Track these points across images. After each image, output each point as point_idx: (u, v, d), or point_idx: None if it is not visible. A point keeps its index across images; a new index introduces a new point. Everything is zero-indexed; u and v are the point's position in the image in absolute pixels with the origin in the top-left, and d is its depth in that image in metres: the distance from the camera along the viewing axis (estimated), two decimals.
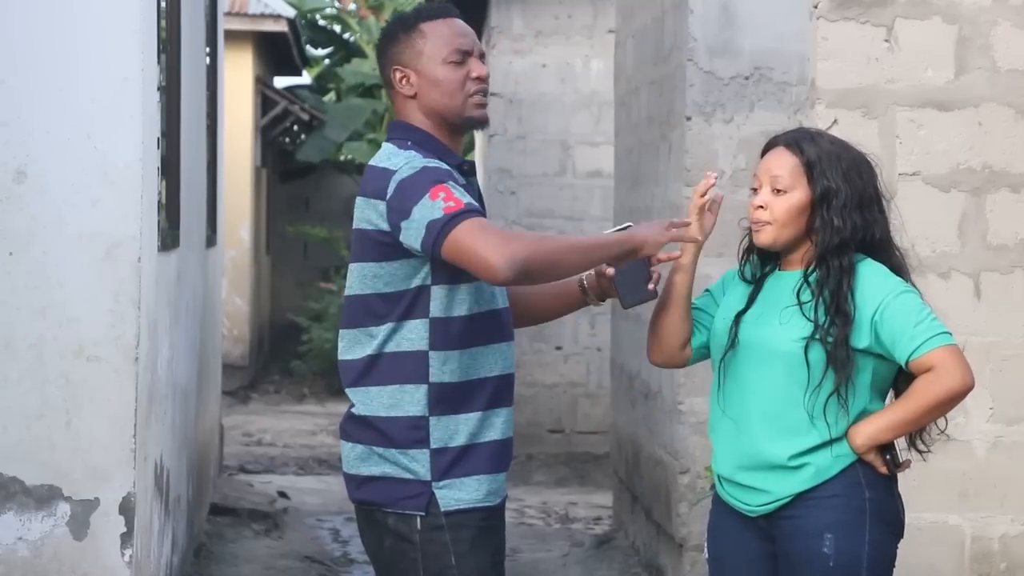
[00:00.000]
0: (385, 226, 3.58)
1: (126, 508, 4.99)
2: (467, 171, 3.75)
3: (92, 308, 4.99)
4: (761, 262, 3.84)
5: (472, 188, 3.74)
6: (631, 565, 8.22)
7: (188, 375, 7.14)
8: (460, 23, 3.78)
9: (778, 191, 3.71)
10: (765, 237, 3.74)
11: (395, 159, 3.63)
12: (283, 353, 19.79)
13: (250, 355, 18.46)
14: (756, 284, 3.81)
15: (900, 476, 3.78)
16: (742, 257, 3.86)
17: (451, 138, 3.76)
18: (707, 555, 3.88)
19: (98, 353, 4.99)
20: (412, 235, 3.53)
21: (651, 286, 3.79)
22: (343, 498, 10.35)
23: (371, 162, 3.70)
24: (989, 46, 5.13)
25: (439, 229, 3.49)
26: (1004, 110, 5.14)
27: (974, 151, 5.14)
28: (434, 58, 3.70)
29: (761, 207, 3.73)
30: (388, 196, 3.57)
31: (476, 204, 3.57)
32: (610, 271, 3.77)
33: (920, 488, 4.91)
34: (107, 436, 4.99)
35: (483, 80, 3.74)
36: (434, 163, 3.60)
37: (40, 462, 4.97)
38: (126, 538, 4.99)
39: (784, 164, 3.72)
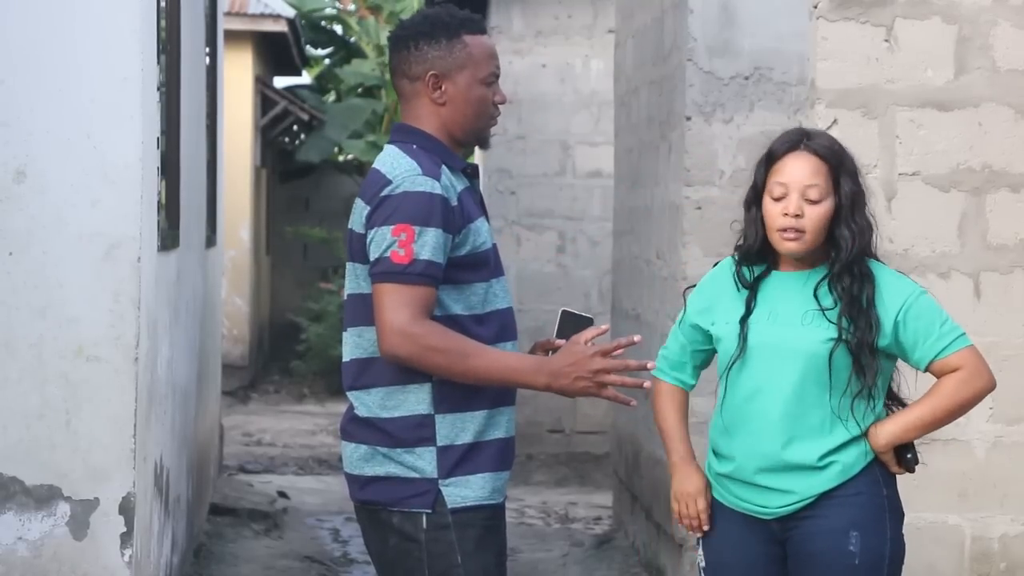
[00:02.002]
0: (363, 232, 3.62)
1: (126, 508, 4.99)
2: (471, 174, 3.75)
3: (92, 308, 4.98)
4: (757, 262, 3.81)
5: (474, 191, 3.75)
6: (631, 565, 8.22)
7: (188, 375, 7.14)
8: (492, 42, 3.79)
9: (812, 200, 3.67)
10: (800, 246, 3.69)
11: (397, 168, 3.62)
12: (283, 353, 19.78)
13: (250, 355, 18.45)
14: (751, 287, 3.79)
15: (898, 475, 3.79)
16: (740, 261, 3.81)
17: (454, 146, 3.76)
18: (703, 563, 3.85)
19: (98, 353, 4.98)
20: (370, 249, 3.59)
21: None
22: (343, 498, 10.36)
23: (374, 164, 3.70)
24: (989, 46, 5.13)
25: (379, 271, 3.55)
26: (1004, 110, 5.14)
27: (974, 151, 5.14)
28: (474, 75, 3.71)
29: (798, 215, 3.67)
30: (373, 205, 3.60)
31: (426, 260, 3.53)
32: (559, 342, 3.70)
33: (920, 488, 4.91)
34: (107, 436, 4.98)
35: (502, 104, 3.77)
36: (427, 187, 3.57)
37: (40, 462, 4.97)
38: (126, 538, 4.99)
39: (818, 172, 3.68)
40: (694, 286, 3.91)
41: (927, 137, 5.14)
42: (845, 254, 3.67)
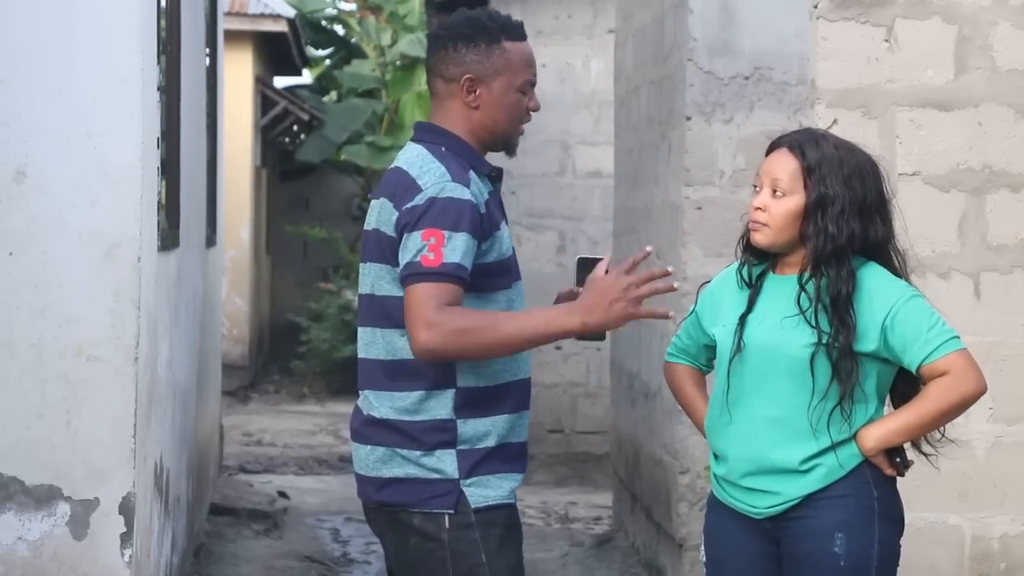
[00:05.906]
0: (396, 236, 3.60)
1: (126, 508, 4.99)
2: (495, 178, 3.75)
3: (92, 308, 4.99)
4: (757, 260, 3.82)
5: (496, 196, 3.75)
6: (631, 565, 8.22)
7: (188, 375, 7.14)
8: (531, 49, 3.77)
9: (777, 193, 3.71)
10: (762, 238, 3.73)
11: (427, 174, 3.60)
12: (283, 353, 19.78)
13: (250, 355, 18.46)
14: (754, 286, 3.80)
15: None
16: (741, 257, 3.84)
17: (481, 150, 3.76)
18: (704, 558, 3.87)
19: (98, 353, 4.98)
20: (401, 256, 3.58)
21: None
22: (343, 498, 10.37)
23: (399, 164, 3.68)
24: (989, 46, 5.13)
25: (408, 274, 3.54)
26: (1004, 110, 5.14)
27: (974, 151, 5.14)
28: (510, 82, 3.71)
29: (760, 208, 3.72)
30: (403, 210, 3.58)
31: (455, 263, 3.52)
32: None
33: (920, 488, 4.91)
34: (107, 436, 4.99)
35: (535, 111, 3.77)
36: (457, 194, 3.56)
37: (40, 462, 4.97)
38: (126, 538, 4.99)
39: (785, 167, 3.70)
40: (708, 282, 3.93)
41: (927, 137, 5.14)
42: (811, 255, 3.67)
